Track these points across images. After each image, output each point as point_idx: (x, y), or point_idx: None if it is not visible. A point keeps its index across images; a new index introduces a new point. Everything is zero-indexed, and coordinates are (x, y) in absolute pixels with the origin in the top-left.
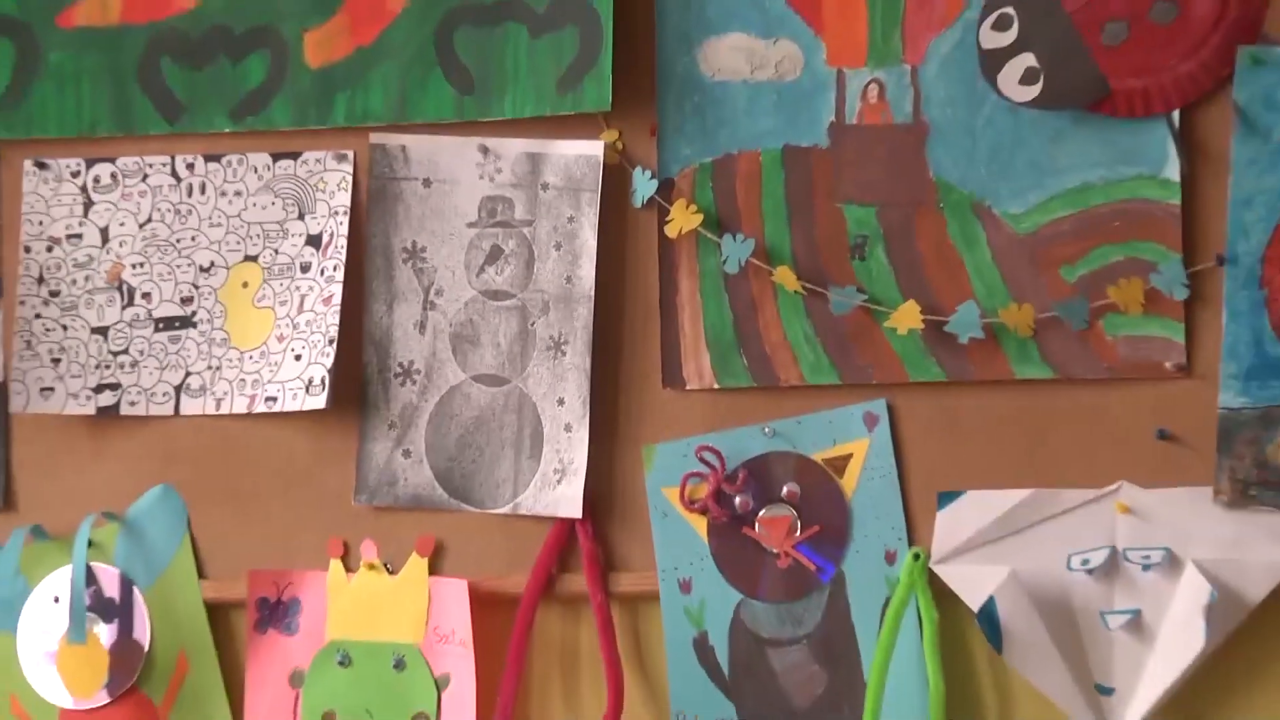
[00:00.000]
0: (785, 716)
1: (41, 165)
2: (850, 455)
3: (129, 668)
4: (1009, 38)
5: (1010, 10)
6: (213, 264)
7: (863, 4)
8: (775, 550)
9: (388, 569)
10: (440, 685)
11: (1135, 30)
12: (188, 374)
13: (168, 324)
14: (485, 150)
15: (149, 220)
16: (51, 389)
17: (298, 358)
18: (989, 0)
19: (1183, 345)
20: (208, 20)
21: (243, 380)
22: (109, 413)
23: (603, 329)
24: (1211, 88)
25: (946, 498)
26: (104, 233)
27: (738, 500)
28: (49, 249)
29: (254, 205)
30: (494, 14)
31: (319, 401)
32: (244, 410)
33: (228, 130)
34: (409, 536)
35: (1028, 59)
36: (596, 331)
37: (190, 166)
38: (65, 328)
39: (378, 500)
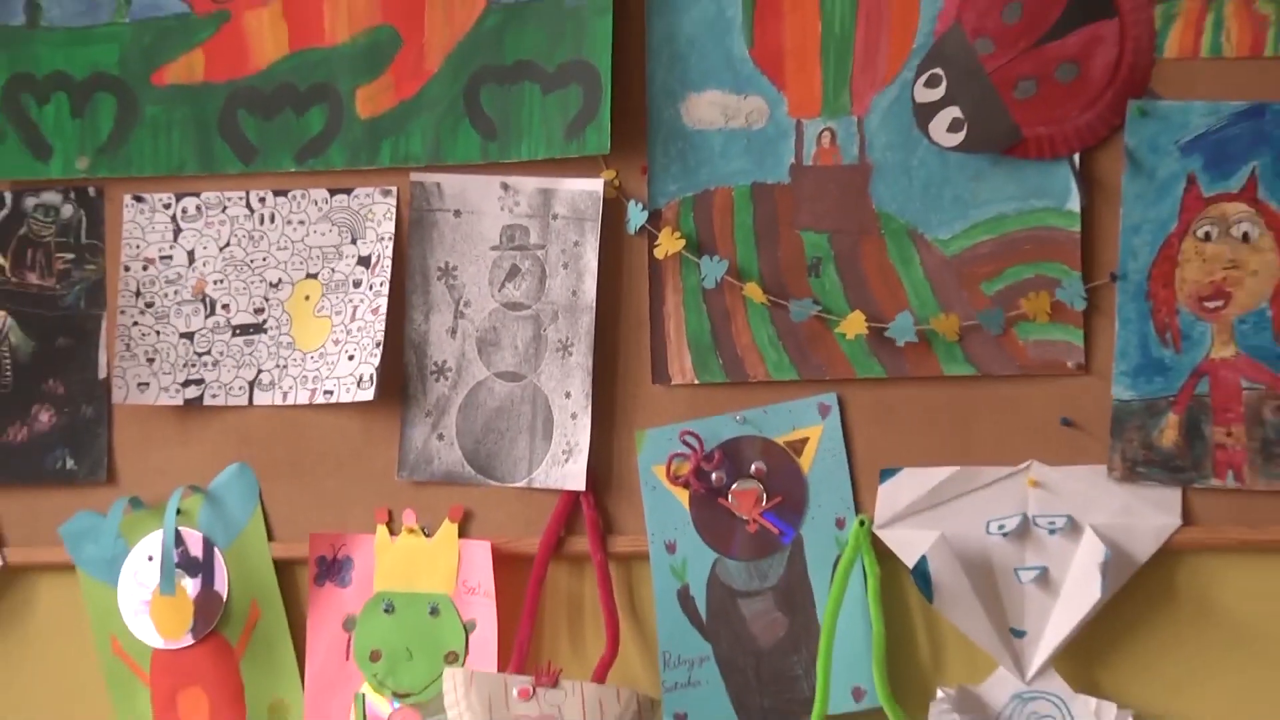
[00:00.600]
0: (753, 655)
1: (139, 199)
2: (807, 439)
3: (210, 615)
4: (938, 94)
5: (939, 71)
6: (280, 280)
7: (817, 65)
8: (745, 517)
9: (424, 532)
10: (468, 629)
11: (1043, 87)
12: (259, 371)
13: (243, 330)
14: (505, 187)
15: (227, 244)
16: (147, 384)
17: (350, 358)
18: (922, 62)
19: (1082, 348)
20: (276, 79)
21: (305, 377)
22: (194, 404)
23: (602, 334)
24: (1106, 134)
25: (887, 474)
26: (190, 255)
27: (714, 476)
28: (144, 268)
29: (314, 232)
30: (512, 74)
31: (367, 394)
32: (306, 401)
33: (292, 170)
34: (442, 506)
35: (954, 111)
36: (597, 336)
37: (261, 200)
38: (158, 333)
39: (416, 476)
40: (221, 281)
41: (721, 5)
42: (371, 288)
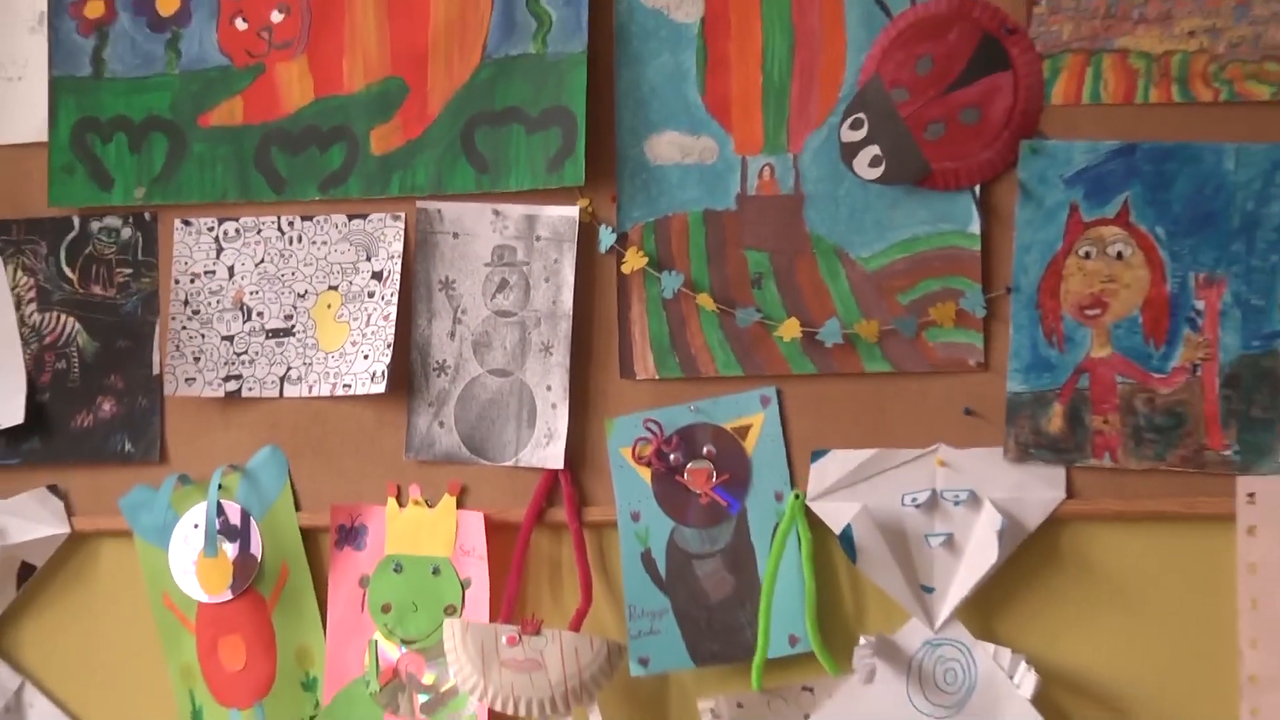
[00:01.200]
0: (705, 608)
1: (187, 223)
2: (750, 425)
3: (247, 574)
4: (861, 135)
5: (862, 115)
6: (306, 291)
7: (759, 111)
8: (698, 492)
9: (427, 504)
10: (464, 586)
11: (949, 129)
12: (288, 368)
13: (275, 334)
14: (496, 213)
15: (261, 261)
16: (193, 379)
17: (365, 357)
18: (847, 108)
19: (982, 349)
20: (303, 122)
21: (327, 372)
22: (233, 395)
23: (578, 336)
24: (1002, 169)
25: (817, 454)
26: (230, 270)
27: (672, 457)
28: (191, 281)
29: (335, 251)
30: (502, 118)
31: (380, 387)
32: (328, 393)
33: (316, 198)
34: (442, 482)
35: (874, 149)
36: (573, 338)
37: (290, 224)
38: (203, 336)
39: (421, 456)
40: (256, 292)
41: (678, 59)
42: (383, 298)
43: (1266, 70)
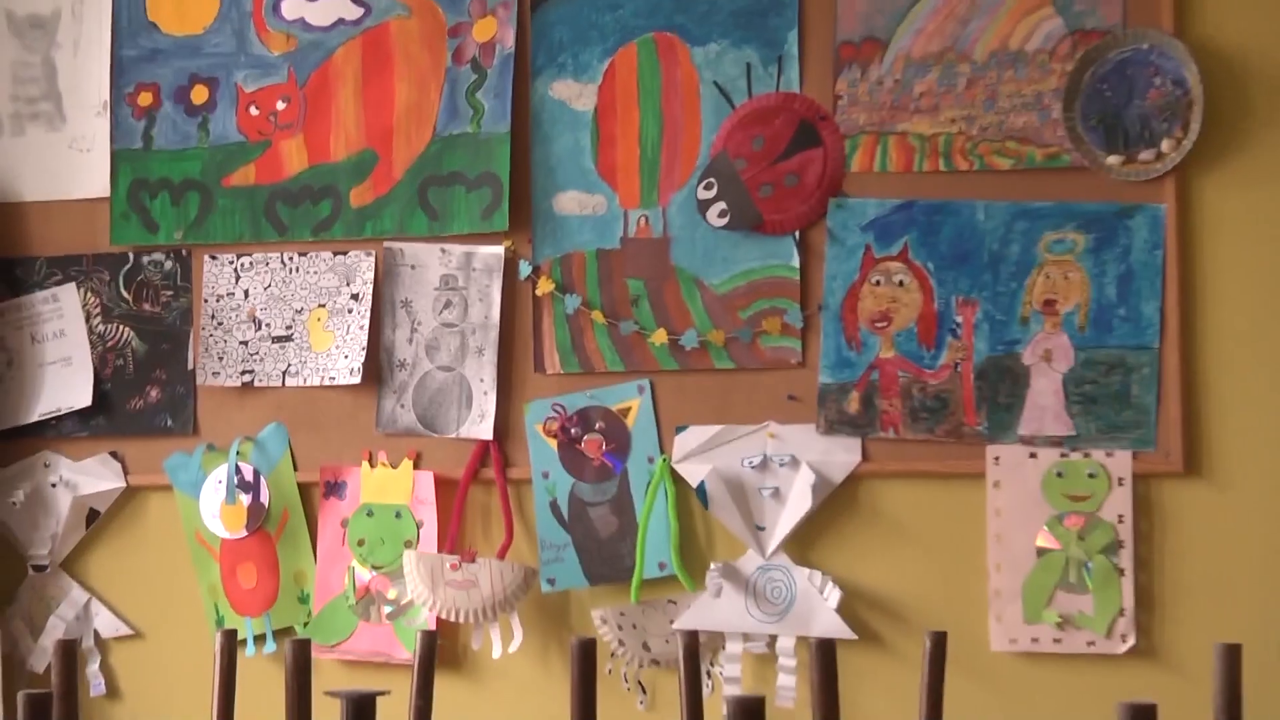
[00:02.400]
0: (596, 542)
1: (213, 257)
2: (630, 407)
3: (257, 517)
4: (712, 194)
5: (712, 179)
6: (302, 308)
7: (636, 175)
8: (592, 457)
9: (392, 466)
10: (419, 526)
11: (777, 189)
12: (289, 365)
13: (278, 339)
14: (444, 250)
15: (269, 285)
16: (218, 372)
17: (345, 357)
18: (702, 174)
19: (800, 351)
20: (300, 183)
21: (317, 368)
22: (248, 385)
23: (504, 342)
24: (816, 219)
25: (680, 429)
26: (246, 292)
27: (573, 431)
28: (217, 300)
29: (323, 278)
30: (448, 180)
31: (356, 379)
32: (318, 383)
33: (310, 239)
34: (403, 449)
35: (721, 204)
36: (500, 343)
37: (290, 258)
38: (225, 341)
39: (387, 430)
40: (265, 309)
41: (577, 138)
42: (359, 313)
43: (1008, 148)
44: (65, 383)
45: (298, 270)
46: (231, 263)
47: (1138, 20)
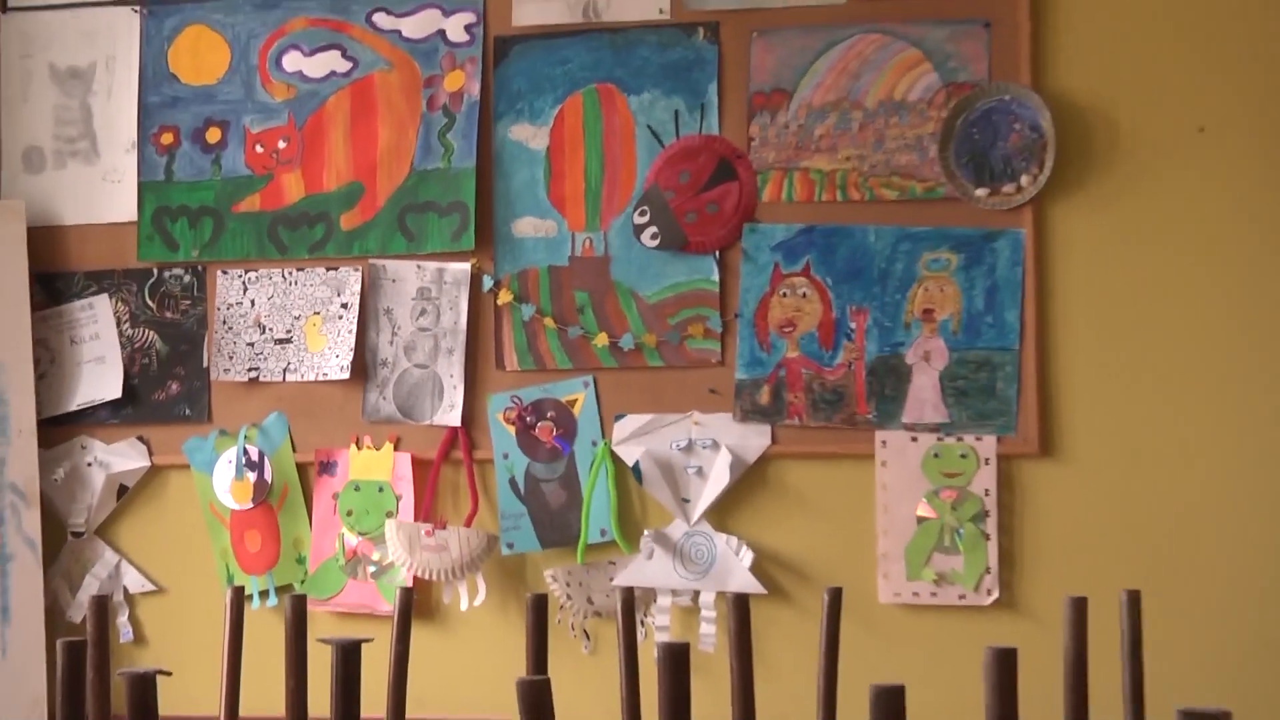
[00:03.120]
0: (548, 512)
1: (225, 272)
2: (577, 399)
3: (262, 491)
4: (646, 219)
5: (646, 207)
6: (300, 315)
7: (582, 204)
8: (544, 440)
9: (375, 448)
10: (399, 499)
11: (700, 216)
12: (288, 363)
13: (280, 341)
14: (419, 267)
15: (272, 296)
16: (229, 369)
17: (336, 356)
18: (637, 203)
19: (720, 352)
20: (299, 209)
21: (312, 366)
22: (254, 380)
23: (470, 344)
24: (733, 241)
25: (619, 417)
26: (252, 302)
27: (528, 419)
28: (227, 309)
29: (318, 290)
30: (423, 208)
31: (345, 375)
32: (313, 379)
33: (306, 258)
34: (385, 434)
35: (654, 228)
36: (467, 345)
37: (290, 274)
38: (234, 343)
39: (371, 418)
40: (269, 315)
41: (533, 172)
42: (348, 320)
43: (893, 181)
44: (99, 378)
45: (296, 283)
46: (240, 277)
47: (1001, 75)
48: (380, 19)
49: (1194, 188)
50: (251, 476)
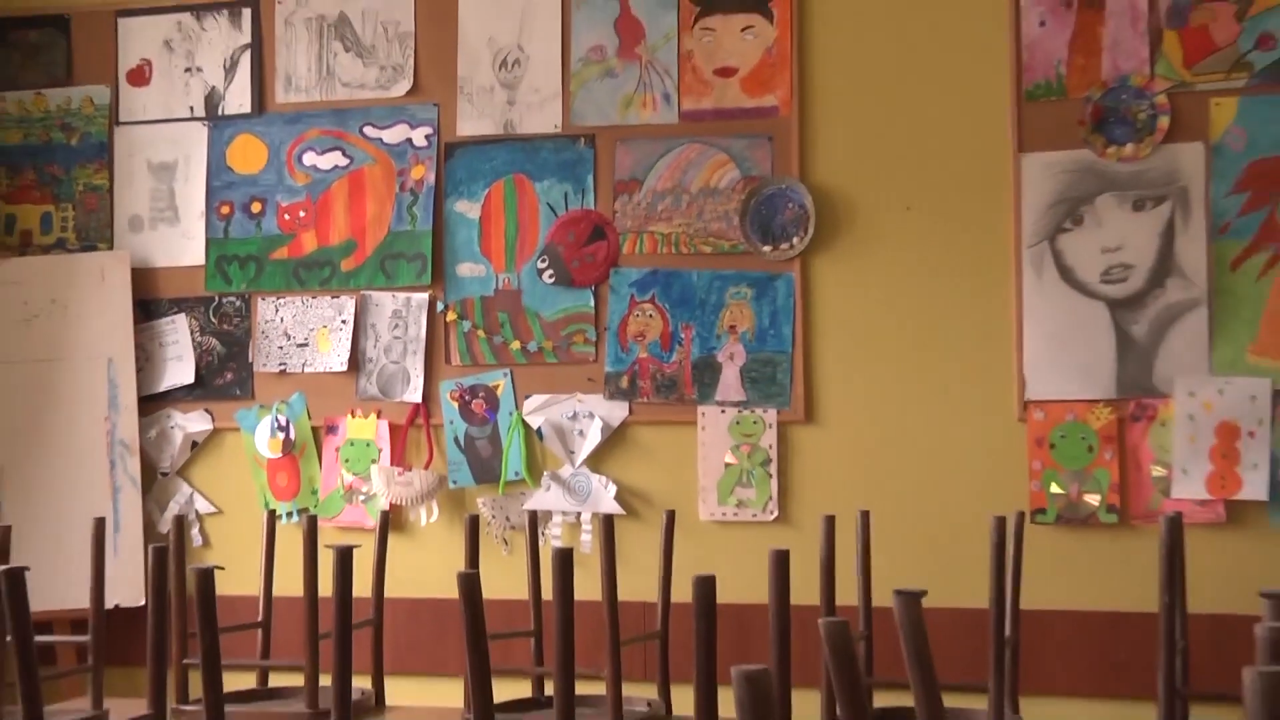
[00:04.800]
0: (480, 461)
1: (263, 299)
2: (500, 385)
3: (288, 446)
4: (546, 265)
5: (546, 256)
6: (313, 328)
7: (503, 253)
8: (477, 412)
9: (364, 417)
10: (379, 451)
11: (581, 264)
12: (306, 360)
13: (300, 345)
14: (394, 296)
15: (295, 315)
16: (266, 364)
17: (338, 356)
18: (539, 254)
19: (594, 353)
20: (313, 258)
21: (322, 362)
22: (283, 371)
23: (429, 347)
24: (603, 279)
25: (527, 397)
26: (281, 319)
27: (466, 397)
28: (265, 323)
29: (325, 312)
30: (397, 256)
31: (344, 368)
32: (323, 370)
33: (318, 290)
34: (371, 407)
35: (551, 270)
36: (426, 348)
37: (307, 300)
38: (269, 346)
39: (361, 397)
40: (293, 328)
41: (470, 233)
42: (346, 332)
43: (709, 240)
44: (178, 370)
45: (311, 307)
46: (274, 302)
47: (779, 171)
48: (368, 130)
49: (903, 246)
50: (281, 436)
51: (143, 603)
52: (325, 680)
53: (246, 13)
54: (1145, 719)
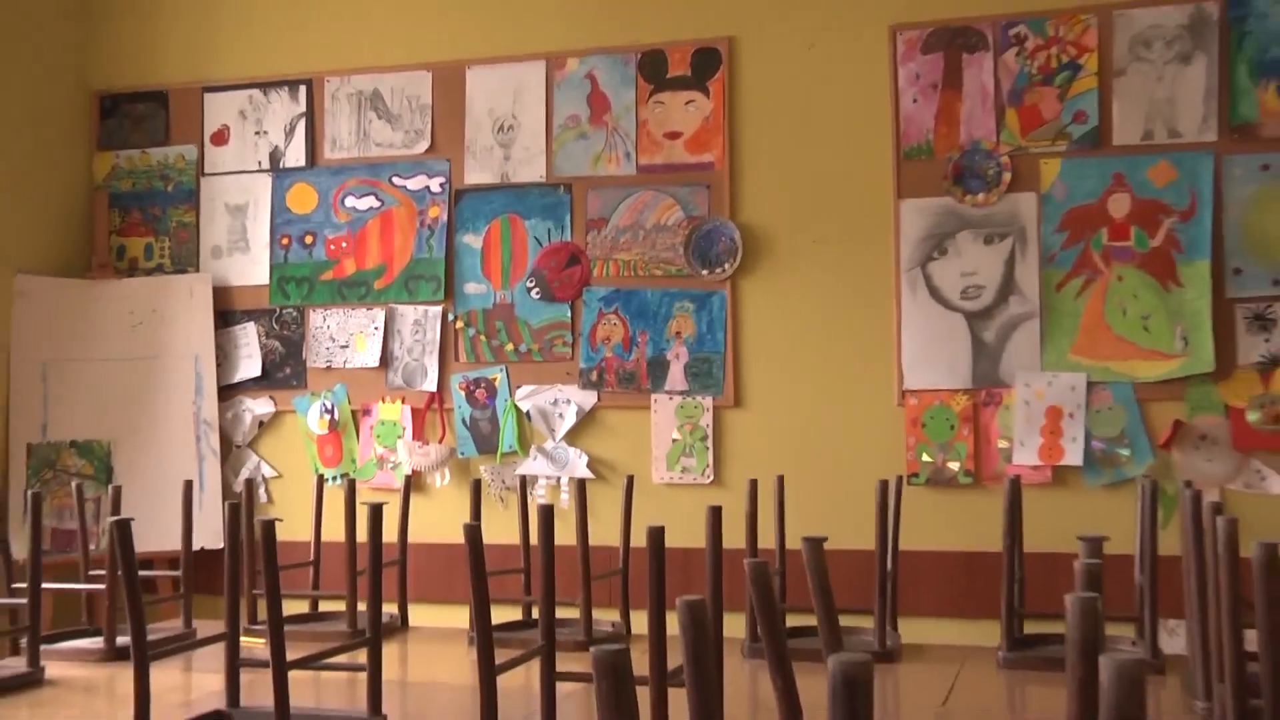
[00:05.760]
0: (482, 435)
1: (314, 311)
2: (497, 377)
3: (334, 426)
4: (534, 285)
5: (534, 278)
6: (353, 333)
7: (500, 275)
8: (480, 399)
9: (392, 403)
10: (404, 429)
11: (561, 283)
12: (347, 359)
13: (343, 347)
14: (416, 308)
15: (339, 322)
16: (316, 361)
17: (372, 355)
18: (528, 275)
19: (571, 353)
20: (353, 279)
21: (359, 360)
22: (329, 367)
23: (441, 349)
24: (578, 296)
25: (519, 387)
26: (329, 326)
27: (471, 388)
28: (315, 329)
29: (362, 321)
30: (418, 279)
31: (376, 364)
32: (359, 366)
33: (357, 303)
34: (397, 395)
35: (537, 289)
36: (440, 349)
37: (348, 312)
38: (318, 348)
39: (390, 387)
40: (337, 333)
41: (474, 260)
42: (378, 336)
43: (661, 266)
44: (248, 366)
45: (351, 317)
46: (322, 313)
47: (715, 210)
48: (396, 179)
49: (811, 270)
50: (328, 417)
51: (221, 546)
52: (362, 606)
53: (303, 89)
54: (992, 631)
